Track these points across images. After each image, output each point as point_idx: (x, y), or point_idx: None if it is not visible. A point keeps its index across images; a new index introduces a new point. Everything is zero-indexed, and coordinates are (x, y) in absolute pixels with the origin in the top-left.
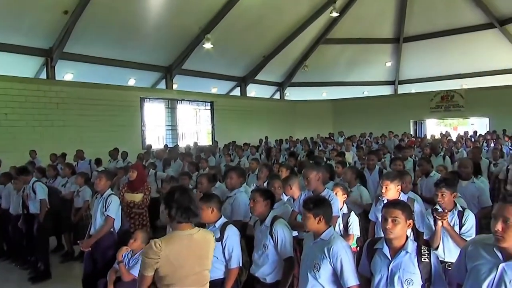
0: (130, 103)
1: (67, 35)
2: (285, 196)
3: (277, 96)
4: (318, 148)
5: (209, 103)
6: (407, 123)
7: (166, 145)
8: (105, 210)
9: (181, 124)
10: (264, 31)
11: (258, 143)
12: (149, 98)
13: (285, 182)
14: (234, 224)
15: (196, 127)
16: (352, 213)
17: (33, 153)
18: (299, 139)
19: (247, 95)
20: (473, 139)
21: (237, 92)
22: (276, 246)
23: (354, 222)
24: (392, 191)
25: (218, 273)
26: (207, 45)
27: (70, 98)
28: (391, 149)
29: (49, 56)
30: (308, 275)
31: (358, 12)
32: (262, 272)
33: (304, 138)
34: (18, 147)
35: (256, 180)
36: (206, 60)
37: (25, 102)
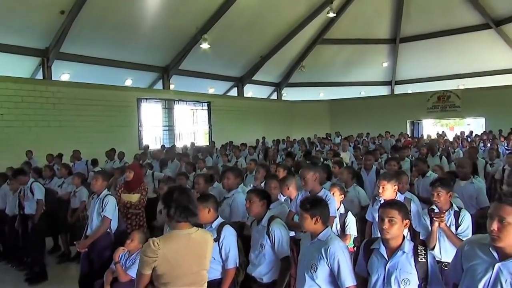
0: (127, 104)
1: (64, 35)
2: (282, 196)
3: (274, 96)
4: (315, 149)
5: (206, 104)
6: (404, 123)
7: (163, 146)
8: (102, 211)
9: (178, 124)
10: (261, 31)
11: (255, 144)
12: (146, 99)
13: (282, 182)
14: (233, 225)
15: (193, 128)
16: (349, 213)
17: (29, 153)
18: (296, 139)
19: (244, 95)
20: (469, 139)
21: (234, 92)
22: (273, 246)
23: (351, 222)
24: (389, 191)
25: (215, 273)
26: (204, 45)
27: (66, 98)
28: (388, 149)
29: (46, 56)
30: (305, 275)
31: (355, 12)
32: (259, 272)
33: (302, 138)
34: (14, 147)
35: (253, 180)
36: (203, 60)
37: (21, 102)
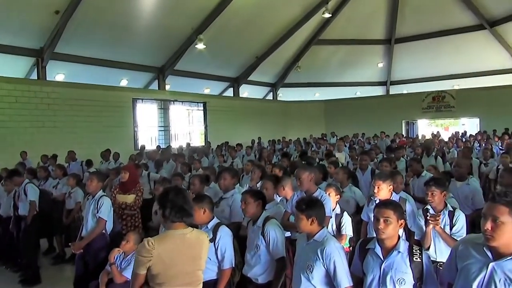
0: (122, 104)
1: (58, 35)
2: (278, 196)
3: (270, 96)
4: (311, 149)
5: (202, 104)
6: (399, 124)
7: (159, 146)
8: (97, 212)
9: (174, 125)
10: (257, 32)
11: (251, 144)
12: (142, 99)
13: (278, 182)
14: (229, 226)
15: (189, 128)
16: (345, 214)
17: (24, 154)
18: (292, 139)
19: (240, 95)
20: (464, 139)
21: (230, 92)
22: (268, 247)
23: (347, 222)
24: (384, 191)
25: (211, 274)
26: (200, 46)
27: (61, 98)
28: (383, 149)
29: (40, 56)
30: (301, 276)
31: (351, 13)
32: (254, 272)
33: (297, 138)
34: (9, 148)
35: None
36: (198, 60)
37: (16, 102)
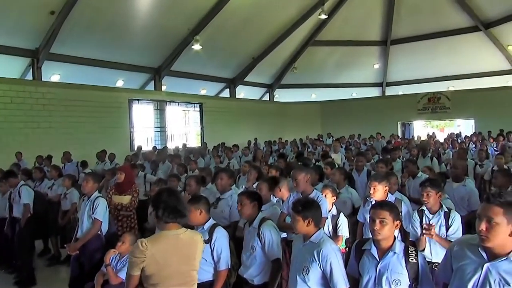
0: (118, 105)
1: (54, 35)
2: (274, 197)
3: (266, 97)
4: (307, 150)
5: (198, 105)
6: (395, 125)
7: (155, 147)
8: (92, 213)
9: (170, 125)
10: (253, 33)
11: (247, 145)
12: (138, 100)
13: (274, 184)
14: (225, 226)
15: (185, 129)
16: (341, 215)
17: (19, 155)
18: (288, 140)
19: (236, 96)
20: (459, 140)
21: (226, 93)
22: (263, 248)
23: (343, 223)
24: (379, 192)
25: (207, 275)
26: (196, 47)
27: (56, 99)
28: (379, 150)
29: (35, 56)
30: (297, 277)
31: (347, 14)
32: (250, 273)
33: (294, 139)
34: (3, 149)
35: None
36: (195, 61)
37: (11, 103)
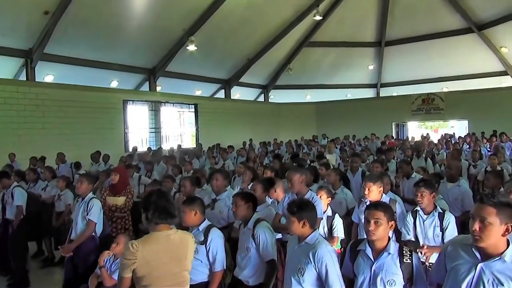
0: (112, 106)
1: (48, 36)
2: (269, 198)
3: (261, 98)
4: (302, 151)
5: (193, 106)
6: (390, 126)
7: (150, 148)
8: (87, 214)
9: (165, 126)
10: (248, 33)
11: (242, 146)
12: (132, 101)
13: (270, 185)
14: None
15: (180, 130)
16: (336, 216)
17: (12, 156)
18: (283, 141)
19: (232, 97)
20: (453, 141)
21: (221, 94)
22: (258, 249)
23: (339, 224)
24: (374, 192)
25: (202, 276)
26: (191, 47)
27: (50, 100)
28: (374, 151)
29: (29, 57)
30: (292, 279)
31: (341, 16)
32: (245, 274)
33: (289, 140)
34: None
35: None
36: (190, 62)
37: (4, 104)
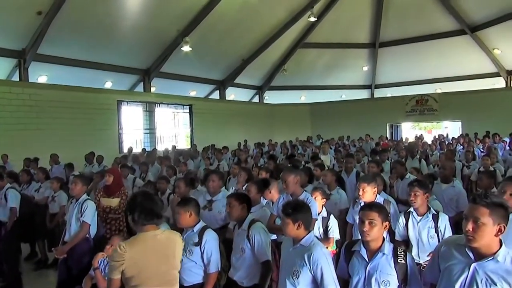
0: (107, 106)
1: (41, 36)
2: (263, 199)
3: (256, 99)
4: (297, 151)
5: (187, 107)
6: (384, 126)
7: (144, 149)
8: (81, 216)
9: (159, 127)
10: (243, 34)
11: (237, 147)
12: (127, 101)
13: (264, 185)
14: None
15: (174, 131)
16: (332, 217)
17: (5, 157)
18: (278, 142)
19: (226, 98)
20: (446, 142)
21: (216, 95)
22: (253, 250)
23: (334, 225)
24: (368, 193)
25: (197, 277)
26: (186, 48)
27: (44, 101)
28: (368, 152)
29: (22, 57)
30: (287, 281)
31: (336, 17)
32: (240, 275)
33: (284, 141)
34: None
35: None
36: (184, 63)
37: None
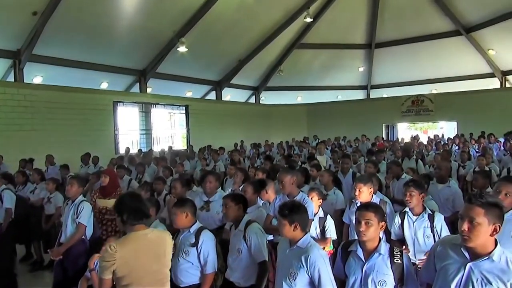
0: (102, 107)
1: (36, 36)
2: (260, 200)
3: (252, 100)
4: (293, 152)
5: (184, 107)
6: (380, 127)
7: (140, 150)
8: (77, 217)
9: (156, 128)
10: (239, 35)
11: (234, 147)
12: (123, 102)
13: (261, 186)
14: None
15: (170, 131)
16: (328, 217)
17: (0, 158)
18: (274, 142)
19: (223, 99)
20: (442, 142)
21: (212, 96)
22: (249, 250)
23: (331, 225)
24: (365, 193)
25: (194, 278)
26: (182, 49)
27: (39, 101)
28: (364, 152)
29: (17, 58)
30: (284, 283)
31: (332, 18)
32: (236, 276)
33: (280, 142)
34: None
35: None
36: (180, 63)
37: None
